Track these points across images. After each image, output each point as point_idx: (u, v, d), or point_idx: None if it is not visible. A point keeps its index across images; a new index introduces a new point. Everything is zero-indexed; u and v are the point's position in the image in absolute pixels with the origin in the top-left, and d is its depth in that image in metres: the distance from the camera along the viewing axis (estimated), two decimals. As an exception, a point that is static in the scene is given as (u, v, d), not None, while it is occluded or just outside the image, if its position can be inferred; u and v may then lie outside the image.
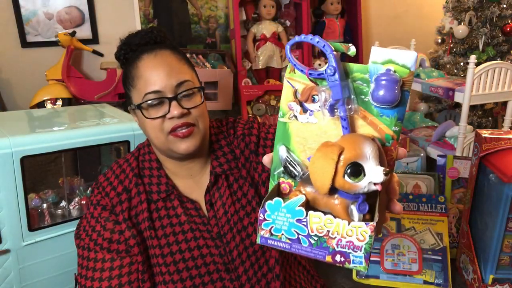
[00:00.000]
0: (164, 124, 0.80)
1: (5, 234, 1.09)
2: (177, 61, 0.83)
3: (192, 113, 0.81)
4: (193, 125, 0.82)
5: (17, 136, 1.10)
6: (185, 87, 0.81)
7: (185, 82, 0.81)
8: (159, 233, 0.85)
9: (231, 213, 0.87)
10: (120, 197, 0.87)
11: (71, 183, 1.38)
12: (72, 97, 1.82)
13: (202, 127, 0.84)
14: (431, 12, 2.68)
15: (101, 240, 0.84)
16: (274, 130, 0.94)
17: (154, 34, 0.86)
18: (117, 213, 0.86)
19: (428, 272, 1.28)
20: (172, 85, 0.80)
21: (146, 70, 0.81)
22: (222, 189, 0.88)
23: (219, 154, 0.90)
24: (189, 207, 0.87)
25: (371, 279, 1.31)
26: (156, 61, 0.81)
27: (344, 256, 0.48)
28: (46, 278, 1.19)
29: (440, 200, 1.38)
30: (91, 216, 0.87)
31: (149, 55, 0.82)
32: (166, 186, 0.87)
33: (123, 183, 0.88)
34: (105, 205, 0.86)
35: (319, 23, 2.35)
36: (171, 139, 0.81)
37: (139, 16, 2.03)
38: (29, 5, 1.85)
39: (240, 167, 0.90)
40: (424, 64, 1.92)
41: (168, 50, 0.84)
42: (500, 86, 1.60)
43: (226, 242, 0.86)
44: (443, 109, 2.42)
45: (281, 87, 1.08)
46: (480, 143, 1.20)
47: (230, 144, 0.92)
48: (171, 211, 0.87)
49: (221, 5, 2.22)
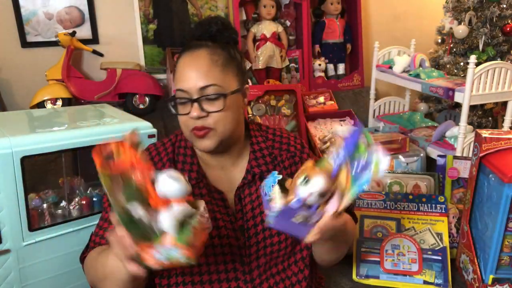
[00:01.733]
0: (189, 121, 0.86)
1: (5, 234, 1.09)
2: (210, 63, 0.85)
3: (212, 116, 0.85)
4: (209, 128, 0.86)
5: (17, 136, 1.10)
6: (210, 91, 0.84)
7: (210, 86, 0.84)
8: None
9: (260, 210, 0.92)
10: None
11: (71, 183, 1.38)
12: (72, 97, 1.82)
13: (221, 130, 0.87)
14: (431, 12, 2.68)
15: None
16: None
17: (212, 28, 0.89)
18: None
19: (428, 272, 1.28)
20: (197, 87, 0.84)
21: (181, 67, 0.87)
22: (253, 188, 0.94)
23: (258, 155, 0.96)
24: (216, 197, 0.92)
25: (371, 279, 1.31)
26: (190, 61, 0.86)
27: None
28: (46, 278, 1.19)
29: (440, 200, 1.38)
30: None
31: (188, 53, 0.87)
32: (197, 174, 0.92)
33: (156, 165, 0.93)
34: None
35: (319, 23, 2.35)
36: (193, 136, 0.88)
37: (139, 16, 2.03)
38: (29, 5, 1.85)
39: (279, 172, 0.94)
40: (424, 64, 1.92)
41: (207, 51, 0.86)
42: (500, 86, 1.60)
43: (247, 237, 0.91)
44: (443, 109, 2.42)
45: (282, 87, 1.15)
46: (480, 143, 1.20)
47: (269, 148, 0.98)
48: (198, 198, 0.91)
49: (221, 5, 2.22)
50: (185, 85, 0.85)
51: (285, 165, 0.97)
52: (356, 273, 1.33)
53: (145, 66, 2.08)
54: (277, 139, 1.01)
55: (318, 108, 2.15)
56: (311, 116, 2.09)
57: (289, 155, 0.99)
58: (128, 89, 1.88)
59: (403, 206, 1.39)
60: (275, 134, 1.02)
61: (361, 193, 1.44)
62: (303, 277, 0.94)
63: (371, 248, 1.34)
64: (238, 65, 0.91)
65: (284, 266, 0.94)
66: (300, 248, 0.95)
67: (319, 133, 2.01)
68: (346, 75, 2.44)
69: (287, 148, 1.00)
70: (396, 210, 1.38)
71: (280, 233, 0.92)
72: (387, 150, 1.71)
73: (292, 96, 2.05)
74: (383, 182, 1.53)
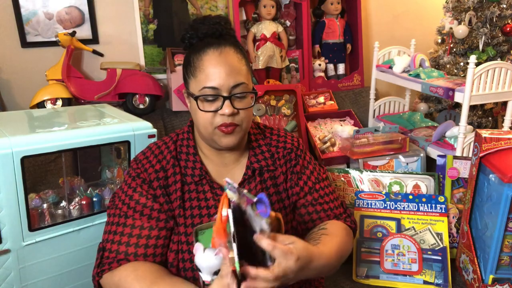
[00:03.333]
0: (215, 118, 0.88)
1: (5, 234, 1.09)
2: (238, 60, 0.89)
3: (240, 113, 0.89)
4: (237, 125, 0.89)
5: (17, 136, 1.10)
6: (240, 89, 0.88)
7: (241, 84, 0.88)
8: (187, 213, 0.92)
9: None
10: (158, 174, 0.94)
11: (71, 183, 1.38)
12: (72, 97, 1.82)
13: (244, 127, 0.92)
14: (431, 12, 2.68)
15: (138, 206, 0.92)
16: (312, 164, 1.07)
17: (221, 26, 0.90)
18: (155, 188, 0.93)
19: (428, 272, 1.29)
20: (229, 85, 0.87)
21: (209, 65, 0.86)
22: (253, 184, 0.97)
23: (257, 152, 1.01)
24: (218, 193, 0.95)
25: (371, 279, 1.31)
26: (220, 59, 0.87)
27: None
28: (46, 278, 1.19)
29: (440, 200, 1.38)
30: (128, 187, 0.95)
31: (214, 51, 0.87)
32: (200, 171, 0.95)
33: (161, 163, 0.96)
34: (144, 178, 0.94)
35: (319, 23, 2.35)
36: (217, 132, 0.90)
37: (139, 16, 2.03)
38: (29, 5, 1.85)
39: (276, 167, 1.01)
40: (424, 64, 1.92)
41: (232, 48, 0.89)
42: (500, 86, 1.60)
43: None
44: (443, 109, 2.42)
45: (282, 87, 1.16)
46: (480, 143, 1.20)
47: (267, 145, 1.03)
48: (201, 194, 0.94)
49: (221, 5, 2.21)
50: (216, 83, 0.86)
51: (281, 163, 1.02)
52: (356, 273, 1.33)
53: (145, 66, 2.08)
54: (274, 138, 1.06)
55: (318, 108, 2.15)
56: (311, 116, 2.09)
57: (285, 152, 1.03)
58: (128, 89, 1.88)
59: (403, 206, 1.39)
60: (273, 133, 1.07)
61: (361, 194, 1.44)
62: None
63: (371, 248, 1.34)
64: (248, 63, 0.94)
65: None
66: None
67: (319, 133, 2.01)
68: (346, 75, 2.44)
69: (284, 145, 1.04)
70: (396, 210, 1.39)
71: (279, 228, 0.92)
72: (387, 150, 1.71)
73: (292, 96, 2.05)
74: (383, 182, 1.53)
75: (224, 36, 0.91)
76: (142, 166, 0.96)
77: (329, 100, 2.20)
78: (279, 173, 1.01)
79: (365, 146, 1.70)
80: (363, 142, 1.71)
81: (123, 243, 0.88)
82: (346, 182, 1.53)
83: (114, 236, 0.90)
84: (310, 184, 1.03)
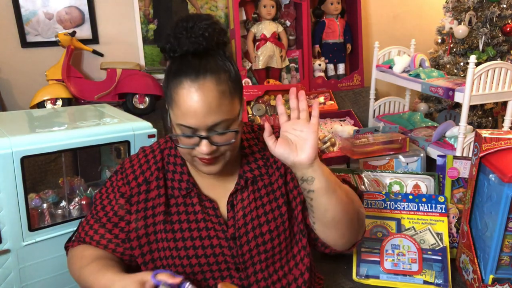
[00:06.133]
0: (193, 151, 0.81)
1: (5, 234, 1.09)
2: (218, 96, 0.77)
3: (221, 148, 0.82)
4: (218, 156, 0.83)
5: (17, 136, 1.10)
6: (221, 127, 0.79)
7: (221, 123, 0.79)
8: (176, 227, 0.89)
9: (252, 217, 0.89)
10: (140, 188, 0.91)
11: (71, 183, 1.38)
12: (72, 97, 1.82)
13: (229, 156, 0.84)
14: (431, 12, 2.68)
15: (106, 220, 0.92)
16: None
17: (208, 38, 0.78)
18: (132, 203, 0.91)
19: (428, 272, 1.28)
20: (207, 125, 0.78)
21: (185, 102, 0.77)
22: (245, 193, 0.90)
23: (251, 160, 0.93)
24: (207, 205, 0.90)
25: (371, 279, 1.31)
26: (196, 96, 0.76)
27: None
28: (46, 278, 1.19)
29: (440, 200, 1.38)
30: (106, 196, 0.94)
31: (191, 84, 0.76)
32: (187, 183, 0.90)
33: (144, 174, 0.91)
34: (124, 192, 0.91)
35: (319, 23, 2.35)
36: (197, 161, 0.83)
37: (139, 16, 2.03)
38: (29, 5, 1.85)
39: (271, 174, 0.93)
40: (424, 64, 1.92)
41: (214, 79, 0.77)
42: (500, 86, 1.60)
43: (239, 245, 0.88)
44: (443, 109, 2.42)
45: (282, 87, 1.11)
46: (480, 143, 1.20)
47: (261, 151, 0.94)
48: (189, 207, 0.89)
49: (221, 5, 2.22)
50: (192, 122, 0.77)
51: (278, 165, 0.93)
52: (356, 273, 1.33)
53: (145, 66, 2.08)
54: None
55: (318, 108, 2.14)
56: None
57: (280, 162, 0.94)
58: (128, 89, 1.88)
59: (403, 206, 1.39)
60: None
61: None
62: (302, 281, 0.92)
63: (371, 248, 1.34)
64: (238, 78, 0.83)
65: (285, 271, 0.92)
66: (298, 249, 0.93)
67: (319, 133, 2.01)
68: (346, 75, 2.44)
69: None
70: (396, 210, 1.39)
71: (273, 238, 0.90)
72: (387, 150, 1.71)
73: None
74: (383, 182, 1.53)
75: (210, 51, 0.80)
76: (126, 176, 0.92)
77: (329, 100, 2.20)
78: (276, 178, 0.93)
79: (365, 146, 1.70)
80: (363, 142, 1.71)
81: (94, 240, 0.92)
82: (346, 182, 1.53)
83: (91, 229, 0.93)
84: None
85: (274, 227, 0.90)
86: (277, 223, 0.90)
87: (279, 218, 0.91)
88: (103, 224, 0.92)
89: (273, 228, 0.90)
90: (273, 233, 0.90)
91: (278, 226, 0.91)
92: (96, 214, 0.94)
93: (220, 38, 0.80)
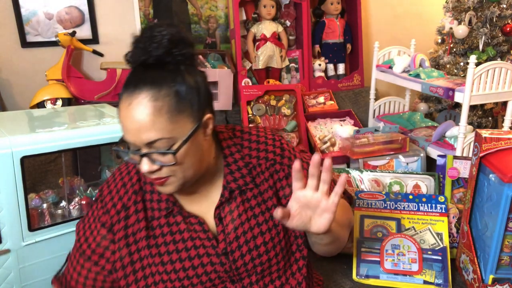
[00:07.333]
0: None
1: (5, 234, 1.09)
2: (153, 113, 0.70)
3: (165, 168, 0.75)
4: (166, 177, 0.76)
5: (17, 136, 1.10)
6: (157, 146, 0.72)
7: (157, 141, 0.72)
8: (162, 250, 0.83)
9: (244, 230, 0.85)
10: (119, 216, 0.85)
11: (71, 183, 1.38)
12: (72, 97, 1.82)
13: (180, 176, 0.77)
14: (431, 12, 2.69)
15: (91, 252, 0.87)
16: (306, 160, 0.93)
17: (162, 51, 0.72)
18: (115, 232, 0.85)
19: (428, 272, 1.28)
20: (143, 143, 0.72)
21: (120, 116, 0.73)
22: (233, 204, 0.85)
23: (234, 169, 0.86)
24: (192, 221, 0.85)
25: (371, 279, 1.31)
26: (128, 113, 0.71)
27: None
28: (46, 278, 1.19)
29: (440, 200, 1.38)
30: (88, 226, 0.88)
31: (126, 98, 0.72)
32: (166, 203, 0.84)
33: (122, 200, 0.86)
34: (105, 222, 0.86)
35: (319, 23, 2.35)
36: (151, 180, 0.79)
37: (139, 16, 2.03)
38: (29, 5, 1.85)
39: (259, 184, 0.87)
40: (424, 64, 1.92)
41: (148, 97, 0.70)
42: (500, 86, 1.60)
43: (232, 260, 0.84)
44: (443, 109, 2.42)
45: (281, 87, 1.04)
46: (480, 143, 1.20)
47: (245, 158, 0.88)
48: (174, 227, 0.84)
49: (221, 5, 2.22)
50: (129, 138, 0.73)
51: (265, 176, 0.87)
52: (356, 273, 1.33)
53: (145, 66, 2.08)
54: (253, 146, 0.89)
55: (318, 108, 2.15)
56: (311, 116, 2.09)
57: (268, 164, 0.88)
58: (128, 89, 1.88)
59: (403, 206, 1.39)
60: (251, 140, 0.90)
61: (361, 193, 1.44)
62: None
63: (371, 248, 1.34)
64: (193, 97, 0.74)
65: (282, 281, 0.88)
66: (295, 258, 0.90)
67: (319, 133, 2.01)
68: (346, 75, 2.44)
69: (265, 155, 0.88)
70: (396, 210, 1.39)
71: (268, 250, 0.85)
72: (387, 150, 1.71)
73: (292, 96, 2.05)
74: (383, 182, 1.53)
75: (165, 62, 0.73)
76: (105, 205, 0.87)
77: (329, 100, 2.20)
78: (265, 188, 0.87)
79: (365, 146, 1.70)
80: (363, 142, 1.71)
81: (80, 282, 0.88)
82: (346, 182, 1.53)
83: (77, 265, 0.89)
84: None
85: (269, 238, 0.86)
86: (271, 234, 0.86)
87: (273, 228, 0.87)
88: (88, 257, 0.87)
89: (268, 239, 0.85)
90: (268, 245, 0.85)
91: (273, 237, 0.86)
92: (80, 247, 0.88)
93: (178, 49, 0.73)
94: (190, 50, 0.75)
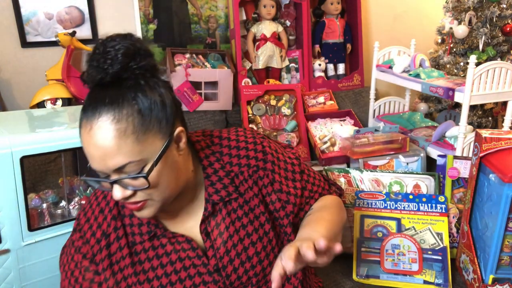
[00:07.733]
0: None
1: (5, 234, 1.09)
2: (118, 137, 0.65)
3: (139, 192, 0.70)
4: (142, 201, 0.71)
5: (17, 136, 1.10)
6: (127, 172, 0.68)
7: (126, 166, 0.67)
8: (150, 275, 0.79)
9: (234, 242, 0.81)
10: (100, 244, 0.80)
11: (71, 183, 1.38)
12: (72, 97, 1.82)
13: (158, 198, 0.72)
14: (431, 12, 2.68)
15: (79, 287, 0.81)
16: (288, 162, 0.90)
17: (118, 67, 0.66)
18: (97, 262, 0.80)
19: (428, 272, 1.28)
20: (110, 169, 0.67)
21: (83, 144, 0.69)
22: (219, 217, 0.81)
23: (214, 180, 0.81)
24: (180, 240, 0.80)
25: (371, 279, 1.31)
26: (90, 139, 0.66)
27: None
28: (46, 278, 1.19)
29: (440, 200, 1.38)
30: (71, 258, 0.82)
31: (86, 123, 0.66)
32: (148, 226, 0.79)
33: (101, 227, 0.80)
34: (85, 253, 0.81)
35: (319, 23, 2.35)
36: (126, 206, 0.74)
37: (139, 16, 2.03)
38: (29, 5, 1.85)
39: (244, 192, 0.83)
40: (424, 64, 1.92)
41: (108, 121, 0.65)
42: (500, 86, 1.60)
43: (225, 276, 0.80)
44: (443, 109, 2.42)
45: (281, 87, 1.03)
46: (480, 143, 1.20)
47: (225, 167, 0.83)
48: (159, 250, 0.79)
49: (221, 5, 2.22)
50: (95, 165, 0.68)
51: (249, 184, 0.83)
52: (356, 273, 1.33)
53: (145, 66, 2.08)
54: (233, 153, 0.84)
55: (318, 108, 2.15)
56: (311, 116, 2.09)
57: (251, 171, 0.83)
58: (128, 89, 1.88)
59: (403, 206, 1.39)
60: (231, 146, 0.85)
61: (361, 193, 1.44)
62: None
63: (371, 248, 1.34)
64: (159, 112, 0.69)
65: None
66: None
67: (319, 133, 2.01)
68: (346, 75, 2.44)
69: (247, 162, 0.84)
70: (396, 210, 1.38)
71: (261, 260, 0.82)
72: (388, 150, 1.71)
73: (292, 96, 2.05)
74: (383, 182, 1.53)
75: (122, 79, 0.67)
76: (84, 234, 0.81)
77: (329, 100, 2.20)
78: (250, 196, 0.83)
79: (365, 146, 1.70)
80: (363, 142, 1.71)
81: None
82: (347, 182, 1.53)
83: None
84: (299, 193, 0.89)
85: (261, 248, 0.82)
86: (263, 243, 0.82)
87: (264, 237, 0.83)
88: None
89: (260, 249, 0.82)
90: (260, 254, 0.82)
91: (265, 246, 0.83)
92: (69, 282, 0.82)
93: (135, 62, 0.68)
94: (149, 61, 0.70)
